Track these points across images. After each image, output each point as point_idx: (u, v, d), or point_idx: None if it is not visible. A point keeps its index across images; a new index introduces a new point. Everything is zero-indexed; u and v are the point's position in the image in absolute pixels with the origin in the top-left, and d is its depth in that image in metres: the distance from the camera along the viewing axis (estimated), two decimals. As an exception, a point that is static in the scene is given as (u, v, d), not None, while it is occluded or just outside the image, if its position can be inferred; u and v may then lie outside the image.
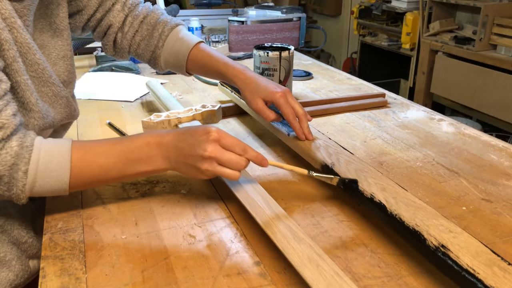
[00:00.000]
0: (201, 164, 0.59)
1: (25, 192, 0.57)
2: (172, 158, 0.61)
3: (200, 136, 0.60)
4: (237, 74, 0.78)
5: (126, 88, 1.21)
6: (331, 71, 1.43)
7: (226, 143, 0.60)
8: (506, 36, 2.17)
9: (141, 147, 0.61)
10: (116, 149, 0.61)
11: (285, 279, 0.52)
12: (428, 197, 0.69)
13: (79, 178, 0.59)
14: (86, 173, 0.60)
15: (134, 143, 0.62)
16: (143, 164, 0.61)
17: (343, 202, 0.68)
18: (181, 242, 0.59)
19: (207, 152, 0.58)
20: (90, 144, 0.62)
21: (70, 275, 0.52)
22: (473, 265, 0.46)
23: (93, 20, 0.81)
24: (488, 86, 2.22)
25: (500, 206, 0.66)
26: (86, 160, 0.60)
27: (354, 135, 0.92)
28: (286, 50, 1.09)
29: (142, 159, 0.61)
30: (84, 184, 0.62)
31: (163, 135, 0.62)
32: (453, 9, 2.56)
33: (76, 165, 0.59)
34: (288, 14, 1.67)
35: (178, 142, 0.61)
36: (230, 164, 0.60)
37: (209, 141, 0.59)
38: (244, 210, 0.61)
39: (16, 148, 0.55)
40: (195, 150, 0.59)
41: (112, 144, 0.62)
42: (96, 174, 0.60)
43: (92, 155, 0.61)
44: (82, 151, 0.60)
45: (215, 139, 0.59)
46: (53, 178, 0.57)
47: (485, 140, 0.89)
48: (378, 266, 0.54)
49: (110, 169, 0.61)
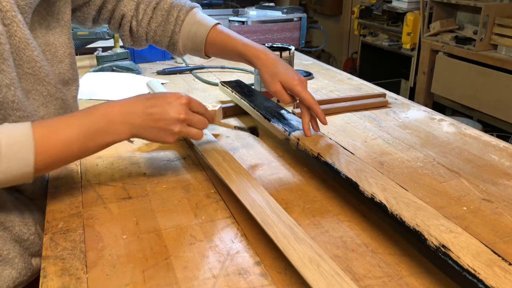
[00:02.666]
0: (174, 126, 0.64)
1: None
2: (139, 124, 0.63)
3: (174, 101, 0.64)
4: (258, 54, 0.79)
5: (126, 88, 1.22)
6: (332, 71, 1.43)
7: (194, 105, 0.66)
8: (507, 36, 2.16)
9: (100, 118, 0.62)
10: (76, 122, 0.61)
11: (286, 279, 0.52)
12: (428, 197, 0.69)
13: (44, 157, 0.57)
14: (50, 150, 0.58)
15: (94, 115, 0.62)
16: (104, 135, 0.62)
17: (344, 202, 0.68)
18: (182, 242, 0.59)
19: (182, 115, 0.64)
20: (50, 121, 0.61)
21: (71, 275, 0.53)
22: (474, 265, 0.46)
23: (105, 12, 0.81)
24: (488, 86, 2.22)
25: (500, 206, 0.66)
26: (48, 136, 0.58)
27: (354, 135, 0.92)
28: (287, 50, 1.09)
29: (103, 130, 0.61)
30: (48, 164, 0.59)
31: (124, 103, 0.64)
32: (454, 9, 2.56)
33: (39, 143, 0.57)
34: (289, 14, 1.67)
35: (146, 108, 0.63)
36: (198, 124, 0.67)
37: (182, 105, 0.64)
38: (245, 210, 0.61)
39: None
40: (168, 114, 0.63)
41: (72, 118, 0.62)
42: (59, 150, 0.59)
43: (53, 130, 0.59)
44: (42, 128, 0.59)
45: (186, 103, 0.65)
46: (17, 160, 0.55)
47: (486, 140, 0.89)
48: (378, 266, 0.54)
49: (72, 143, 0.60)
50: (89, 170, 0.77)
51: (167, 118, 0.63)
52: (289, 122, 0.82)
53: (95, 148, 0.63)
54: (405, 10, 2.81)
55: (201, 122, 0.67)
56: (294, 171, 0.78)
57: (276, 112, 0.87)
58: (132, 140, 0.89)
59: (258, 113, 0.88)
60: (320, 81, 1.32)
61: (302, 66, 1.49)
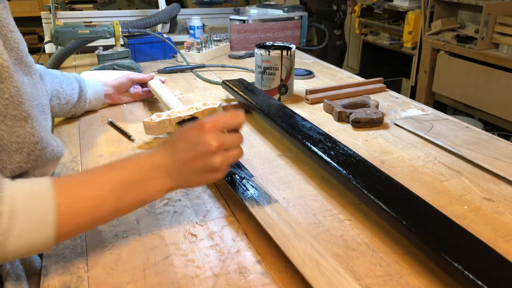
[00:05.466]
0: (213, 161, 0.54)
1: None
2: (176, 174, 0.55)
3: (196, 134, 0.55)
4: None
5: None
6: (333, 70, 1.43)
7: (219, 124, 0.56)
8: (508, 35, 2.16)
9: (134, 170, 0.54)
10: (106, 178, 0.53)
11: (287, 277, 0.52)
12: (429, 196, 0.69)
13: (67, 218, 0.48)
14: (75, 210, 0.49)
15: (127, 165, 0.54)
16: (141, 190, 0.53)
17: (345, 201, 0.68)
18: (183, 240, 0.59)
19: (214, 144, 0.54)
20: (74, 176, 0.54)
21: (72, 273, 0.53)
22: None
23: None
24: (490, 85, 2.22)
25: (501, 205, 0.66)
26: (72, 194, 0.50)
27: (355, 133, 0.92)
28: (288, 49, 1.09)
29: (139, 184, 0.53)
30: (73, 226, 0.50)
31: (153, 156, 0.55)
32: (455, 7, 2.56)
33: (62, 200, 0.48)
34: (290, 13, 1.67)
35: (174, 154, 0.55)
36: (234, 144, 0.57)
37: (208, 132, 0.55)
38: (246, 209, 0.61)
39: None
40: (199, 150, 0.54)
41: (101, 173, 0.53)
42: (87, 210, 0.50)
43: (79, 187, 0.51)
44: (65, 184, 0.50)
45: (211, 128, 0.55)
46: (35, 221, 0.46)
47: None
48: (379, 265, 0.54)
49: (103, 202, 0.51)
50: (90, 168, 0.77)
51: (200, 155, 0.54)
52: (290, 120, 0.82)
53: (128, 207, 0.54)
54: (406, 8, 2.81)
55: (236, 138, 0.57)
56: (295, 169, 0.78)
57: (280, 110, 0.87)
58: (133, 139, 0.89)
59: (262, 111, 0.88)
60: (321, 80, 1.32)
61: (303, 65, 1.49)
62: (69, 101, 0.94)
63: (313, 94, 1.11)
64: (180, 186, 0.57)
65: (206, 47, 1.54)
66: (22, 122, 0.56)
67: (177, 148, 0.55)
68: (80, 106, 0.98)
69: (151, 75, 1.11)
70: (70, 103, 0.95)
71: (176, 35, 2.05)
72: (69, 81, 0.95)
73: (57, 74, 0.93)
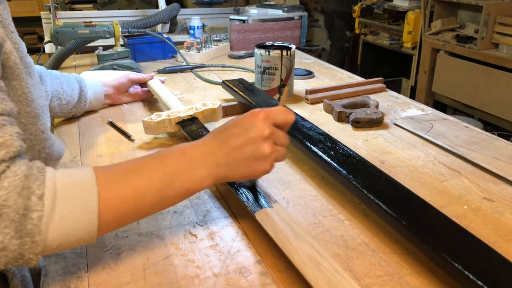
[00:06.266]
0: (263, 148, 0.52)
1: (41, 231, 0.42)
2: (222, 162, 0.52)
3: (249, 120, 0.53)
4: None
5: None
6: (333, 70, 1.43)
7: (273, 117, 0.53)
8: (508, 35, 2.16)
9: (179, 157, 0.51)
10: (149, 165, 0.50)
11: (287, 277, 0.52)
12: (429, 196, 0.69)
13: (110, 205, 0.46)
14: (117, 198, 0.47)
15: (171, 153, 0.52)
16: (184, 179, 0.51)
17: (345, 201, 0.68)
18: (183, 241, 0.59)
19: (266, 131, 0.52)
20: (115, 165, 0.51)
21: (72, 273, 0.53)
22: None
23: None
24: (490, 85, 2.22)
25: (501, 205, 0.66)
26: (114, 181, 0.48)
27: (355, 133, 0.92)
28: (288, 49, 1.09)
29: (183, 172, 0.51)
30: (116, 215, 0.47)
31: (200, 143, 0.54)
32: (455, 7, 2.55)
33: (104, 187, 0.46)
34: (290, 12, 1.67)
35: (223, 140, 0.53)
36: (282, 140, 0.54)
37: (261, 120, 0.52)
38: (245, 209, 0.61)
39: (25, 168, 0.44)
40: (250, 135, 0.52)
41: (143, 161, 0.51)
42: (129, 198, 0.47)
43: (121, 175, 0.49)
44: (107, 171, 0.49)
45: (265, 117, 0.53)
46: (78, 206, 0.44)
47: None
48: (379, 265, 0.54)
49: (145, 191, 0.48)
50: (90, 168, 0.77)
51: (252, 141, 0.52)
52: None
53: (172, 197, 0.51)
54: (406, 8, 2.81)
55: (284, 137, 0.55)
56: (295, 169, 0.78)
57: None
58: (133, 139, 0.89)
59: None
60: (321, 80, 1.32)
61: (303, 65, 1.48)
62: (70, 101, 0.95)
63: (313, 94, 1.11)
64: (227, 176, 0.53)
65: (206, 47, 1.54)
66: (34, 119, 0.58)
67: (228, 133, 0.53)
68: (81, 107, 0.98)
69: (151, 75, 1.11)
70: (71, 103, 0.95)
71: (176, 35, 2.05)
72: (69, 81, 0.95)
73: (57, 74, 0.94)
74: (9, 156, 0.44)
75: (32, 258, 0.43)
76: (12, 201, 0.41)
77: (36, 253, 0.43)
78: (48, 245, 0.43)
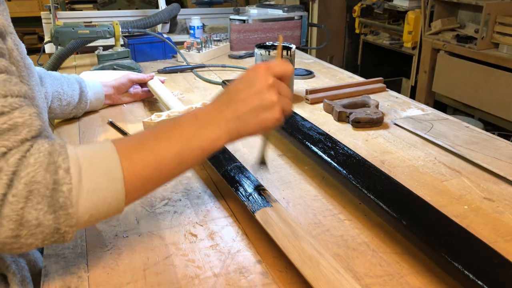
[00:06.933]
0: (270, 96, 0.52)
1: (73, 204, 0.44)
2: (231, 116, 0.53)
3: (252, 73, 0.54)
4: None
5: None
6: (333, 70, 1.43)
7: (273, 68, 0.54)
8: (508, 35, 2.16)
9: (190, 120, 0.53)
10: (165, 130, 0.52)
11: (287, 277, 0.52)
12: (429, 196, 0.69)
13: (133, 173, 0.47)
14: (139, 164, 0.48)
15: (183, 118, 0.53)
16: (200, 138, 0.52)
17: (345, 201, 0.68)
18: (183, 241, 0.59)
19: (269, 80, 0.53)
20: (131, 135, 0.54)
21: (72, 273, 0.53)
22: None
23: None
24: (490, 84, 2.22)
25: (502, 205, 0.66)
26: (133, 148, 0.49)
27: (355, 133, 0.92)
28: (288, 49, 1.09)
29: (197, 131, 0.52)
30: (139, 181, 0.49)
31: (208, 105, 0.55)
32: (455, 7, 2.55)
33: (125, 155, 0.47)
34: (290, 12, 1.67)
35: (230, 96, 0.54)
36: (286, 90, 0.55)
37: (264, 70, 0.53)
38: (246, 209, 0.61)
39: (47, 146, 0.45)
40: (256, 86, 0.53)
41: (158, 128, 0.53)
42: (150, 163, 0.49)
43: (139, 142, 0.50)
44: (125, 140, 0.51)
45: (266, 68, 0.54)
46: (103, 175, 0.46)
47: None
48: (379, 265, 0.54)
49: (164, 154, 0.50)
50: (90, 168, 0.77)
51: (257, 91, 0.52)
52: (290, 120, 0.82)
53: (191, 158, 0.52)
54: (406, 8, 2.81)
55: (286, 88, 0.55)
56: (295, 169, 0.78)
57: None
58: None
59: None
60: (321, 80, 1.32)
61: (303, 64, 1.48)
62: (70, 102, 0.95)
63: (313, 94, 1.11)
64: (239, 131, 0.53)
65: (206, 47, 1.54)
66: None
67: (233, 90, 0.54)
68: (81, 107, 0.98)
69: (151, 75, 1.11)
70: (71, 104, 0.95)
71: (176, 35, 2.05)
72: (69, 82, 0.95)
73: (57, 75, 0.94)
74: (31, 135, 0.46)
75: (68, 231, 0.45)
76: (40, 177, 0.42)
77: (71, 226, 0.44)
78: (80, 217, 0.45)
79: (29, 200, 0.42)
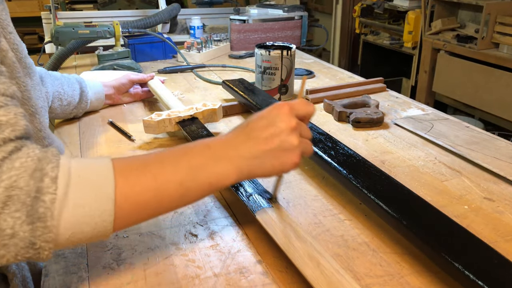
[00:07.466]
0: (291, 138, 0.50)
1: (53, 216, 0.39)
2: (247, 155, 0.49)
3: (276, 112, 0.51)
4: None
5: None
6: (333, 70, 1.43)
7: (296, 109, 0.52)
8: (509, 35, 2.16)
9: (202, 150, 0.49)
10: (172, 155, 0.48)
11: (287, 277, 0.52)
12: (430, 196, 0.69)
13: (127, 194, 0.43)
14: (136, 187, 0.44)
15: (194, 146, 0.50)
16: (209, 171, 0.47)
17: (345, 201, 0.68)
18: (183, 240, 0.59)
19: (293, 123, 0.50)
20: (133, 156, 0.50)
21: (72, 273, 0.53)
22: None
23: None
24: (490, 84, 2.22)
25: (502, 205, 0.66)
26: (133, 168, 0.45)
27: (355, 133, 0.92)
28: (288, 49, 1.09)
29: (206, 165, 0.47)
30: (133, 207, 0.44)
31: (225, 136, 0.51)
32: (455, 7, 2.55)
33: (121, 174, 0.43)
34: (290, 12, 1.67)
35: (250, 132, 0.50)
36: (307, 132, 0.53)
37: (288, 111, 0.51)
38: (246, 209, 0.61)
39: (38, 152, 0.42)
40: (278, 126, 0.50)
41: (165, 152, 0.49)
42: (149, 188, 0.44)
43: (141, 163, 0.46)
44: (126, 159, 0.46)
45: (290, 109, 0.51)
46: (92, 191, 0.41)
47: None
48: (379, 265, 0.54)
49: (167, 181, 0.45)
50: (90, 168, 0.77)
51: (279, 131, 0.49)
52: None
53: (195, 191, 0.47)
54: (406, 8, 2.81)
55: (307, 129, 0.53)
56: (295, 169, 0.78)
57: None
58: (134, 139, 0.89)
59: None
60: (321, 80, 1.32)
61: (304, 64, 1.48)
62: (71, 102, 0.95)
63: (313, 94, 1.11)
64: (253, 170, 0.50)
65: (206, 47, 1.54)
66: (31, 117, 0.58)
67: (253, 127, 0.51)
68: (82, 107, 0.98)
69: (151, 75, 1.11)
70: (72, 104, 0.95)
71: (176, 35, 2.05)
72: (70, 82, 0.95)
73: (57, 76, 0.94)
74: (15, 134, 0.42)
75: (43, 247, 0.40)
76: (23, 183, 0.38)
77: (47, 241, 0.39)
78: (60, 234, 0.40)
79: (7, 206, 0.38)
